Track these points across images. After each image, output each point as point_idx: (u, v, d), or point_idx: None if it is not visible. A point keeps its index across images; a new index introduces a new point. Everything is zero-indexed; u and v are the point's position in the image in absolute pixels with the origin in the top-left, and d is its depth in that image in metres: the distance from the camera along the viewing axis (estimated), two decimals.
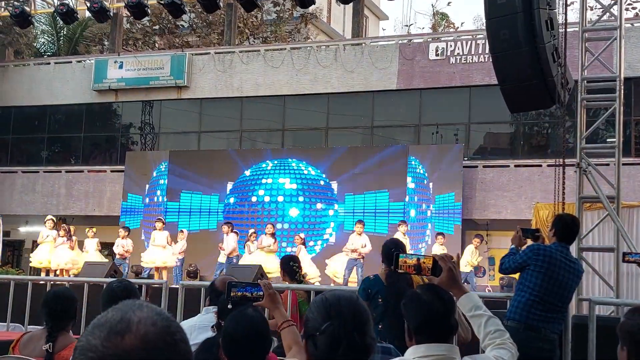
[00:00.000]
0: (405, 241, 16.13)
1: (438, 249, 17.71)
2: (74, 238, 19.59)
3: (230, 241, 18.88)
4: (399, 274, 3.78)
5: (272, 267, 17.00)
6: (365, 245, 18.01)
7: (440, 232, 19.36)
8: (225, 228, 19.23)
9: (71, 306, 5.05)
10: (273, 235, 18.60)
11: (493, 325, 3.36)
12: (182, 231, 20.88)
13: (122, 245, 19.33)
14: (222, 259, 18.90)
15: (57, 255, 19.10)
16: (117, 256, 19.18)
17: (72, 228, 20.19)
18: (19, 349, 4.95)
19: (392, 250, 5.91)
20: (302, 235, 19.71)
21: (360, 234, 18.28)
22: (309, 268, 17.29)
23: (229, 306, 4.07)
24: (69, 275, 17.87)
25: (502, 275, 16.96)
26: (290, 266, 8.01)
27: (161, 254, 19.02)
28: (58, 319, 4.93)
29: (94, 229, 20.04)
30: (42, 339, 4.90)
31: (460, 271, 3.62)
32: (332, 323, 2.40)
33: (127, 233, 19.76)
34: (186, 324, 5.19)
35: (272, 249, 18.29)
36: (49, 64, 27.71)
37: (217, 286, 5.30)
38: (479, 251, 18.80)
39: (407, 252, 5.89)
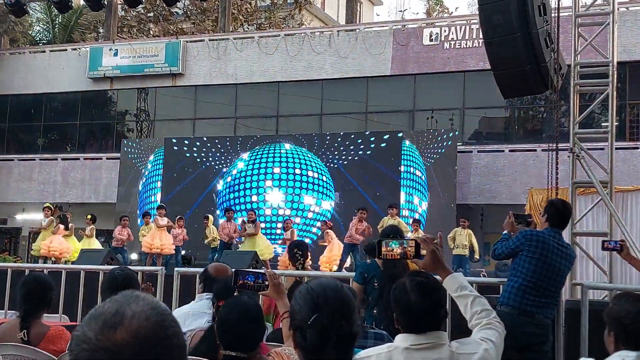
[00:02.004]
0: (394, 223, 15.94)
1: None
2: (70, 225, 19.51)
3: (231, 228, 18.99)
4: (394, 260, 3.78)
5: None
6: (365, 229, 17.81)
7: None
8: (228, 214, 19.21)
9: (48, 293, 4.90)
10: (253, 221, 18.57)
11: (479, 305, 3.34)
12: (181, 218, 20.51)
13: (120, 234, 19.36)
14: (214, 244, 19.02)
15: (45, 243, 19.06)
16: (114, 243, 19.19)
17: (68, 216, 20.11)
18: None
19: (389, 237, 5.94)
20: (293, 219, 19.81)
21: (361, 221, 18.04)
22: None
23: (235, 293, 4.09)
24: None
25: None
26: (294, 253, 8.17)
27: (164, 240, 19.00)
28: (34, 304, 4.79)
29: (89, 216, 19.92)
30: (16, 328, 4.75)
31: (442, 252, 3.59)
32: (320, 315, 2.37)
33: (126, 222, 19.72)
34: (180, 311, 5.21)
35: (253, 232, 18.29)
36: (44, 52, 27.72)
37: (210, 273, 5.31)
38: (466, 231, 18.21)
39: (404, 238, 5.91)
